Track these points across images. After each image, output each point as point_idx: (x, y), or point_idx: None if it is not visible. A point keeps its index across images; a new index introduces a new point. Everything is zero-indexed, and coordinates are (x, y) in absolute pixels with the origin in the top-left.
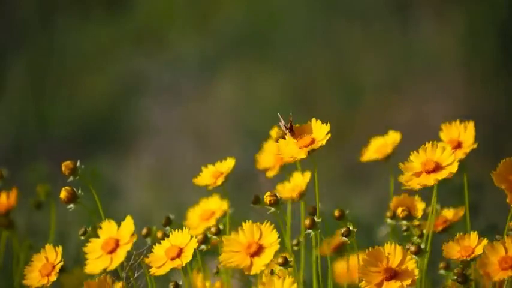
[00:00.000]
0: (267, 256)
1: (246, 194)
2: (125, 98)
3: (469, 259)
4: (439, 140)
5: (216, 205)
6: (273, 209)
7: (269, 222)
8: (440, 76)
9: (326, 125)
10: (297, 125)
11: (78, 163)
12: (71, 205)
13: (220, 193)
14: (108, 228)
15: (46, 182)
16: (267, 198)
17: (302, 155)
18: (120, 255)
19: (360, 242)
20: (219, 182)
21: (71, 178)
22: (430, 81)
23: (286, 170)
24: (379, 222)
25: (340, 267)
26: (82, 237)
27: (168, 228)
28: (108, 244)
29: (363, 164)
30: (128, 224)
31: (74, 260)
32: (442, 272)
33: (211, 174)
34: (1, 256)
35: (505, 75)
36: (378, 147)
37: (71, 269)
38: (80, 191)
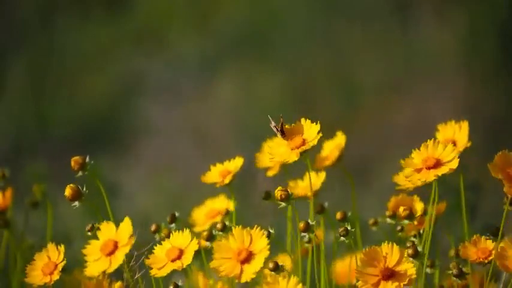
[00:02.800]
0: (257, 263)
1: (245, 194)
2: (125, 98)
3: (486, 261)
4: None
5: (223, 204)
6: (283, 204)
7: (259, 227)
8: (440, 76)
9: (316, 124)
10: (287, 126)
11: (87, 159)
12: (76, 202)
13: (225, 192)
14: (107, 230)
15: (45, 182)
16: (278, 192)
17: (294, 157)
18: (119, 258)
19: (357, 241)
20: (227, 180)
21: (80, 173)
22: (430, 81)
23: (287, 169)
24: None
25: (341, 267)
26: (89, 233)
27: (173, 225)
28: (107, 246)
29: (364, 164)
30: (126, 225)
31: (74, 260)
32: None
33: (219, 173)
34: (1, 256)
35: (505, 75)
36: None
37: (71, 269)
38: (84, 189)
